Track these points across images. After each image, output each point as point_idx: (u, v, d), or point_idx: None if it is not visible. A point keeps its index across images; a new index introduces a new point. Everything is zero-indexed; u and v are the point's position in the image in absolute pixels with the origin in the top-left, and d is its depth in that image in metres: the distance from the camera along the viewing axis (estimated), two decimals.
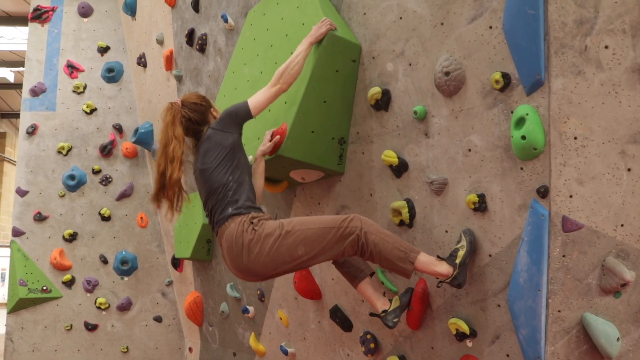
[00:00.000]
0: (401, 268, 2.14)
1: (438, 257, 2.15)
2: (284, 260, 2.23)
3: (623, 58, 1.82)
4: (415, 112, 2.27)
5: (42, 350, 5.11)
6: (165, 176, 2.43)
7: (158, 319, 5.33)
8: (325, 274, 3.04)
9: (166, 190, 2.45)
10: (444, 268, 2.10)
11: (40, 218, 5.26)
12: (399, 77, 2.39)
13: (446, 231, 2.25)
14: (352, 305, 2.86)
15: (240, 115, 2.45)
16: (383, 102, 2.45)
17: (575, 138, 1.83)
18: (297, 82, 2.55)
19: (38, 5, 5.66)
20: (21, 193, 5.29)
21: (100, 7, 5.74)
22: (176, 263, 5.05)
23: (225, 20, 3.62)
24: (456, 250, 2.11)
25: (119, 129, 5.54)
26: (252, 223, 2.28)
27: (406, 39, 2.34)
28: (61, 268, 5.19)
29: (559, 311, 1.88)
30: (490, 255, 2.08)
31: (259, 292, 3.72)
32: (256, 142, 2.83)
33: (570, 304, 1.89)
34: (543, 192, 1.85)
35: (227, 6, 3.69)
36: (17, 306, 5.08)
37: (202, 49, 4.06)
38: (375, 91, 2.46)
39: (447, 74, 2.10)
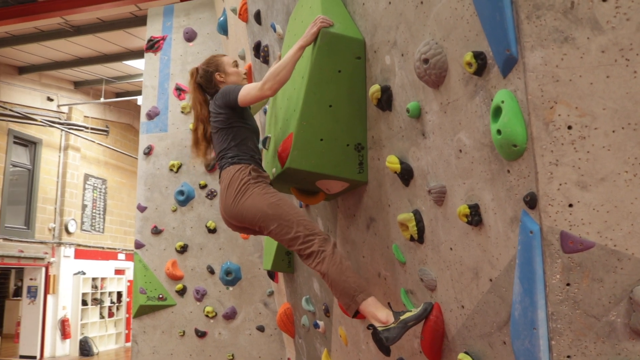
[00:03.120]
0: (345, 303, 2.17)
1: (389, 305, 2.13)
2: (256, 220, 2.40)
3: (634, 11, 1.32)
4: (407, 110, 1.94)
5: (161, 353, 5.55)
6: (197, 133, 2.83)
7: (261, 329, 5.45)
8: None
9: (198, 145, 2.83)
10: (384, 315, 2.07)
11: (156, 231, 5.74)
12: (395, 71, 2.07)
13: (450, 248, 1.87)
14: None
15: (231, 101, 2.59)
16: (385, 101, 2.14)
17: (570, 127, 1.37)
18: (298, 88, 2.36)
19: (151, 37, 6.21)
20: (141, 209, 5.83)
21: (202, 30, 6.10)
22: (272, 274, 5.11)
23: (274, 30, 3.55)
24: (408, 311, 2.05)
25: None
26: (251, 172, 2.51)
27: (396, 26, 2.01)
28: (174, 278, 5.60)
29: (568, 357, 1.42)
30: (490, 280, 1.67)
31: (324, 307, 3.56)
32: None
33: (584, 348, 1.42)
34: (530, 202, 1.42)
35: (277, 15, 3.61)
36: (139, 312, 5.60)
37: (265, 60, 4.04)
38: (374, 89, 2.16)
39: (425, 61, 1.74)
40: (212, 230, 5.66)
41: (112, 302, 13.31)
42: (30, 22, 7.78)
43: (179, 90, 5.99)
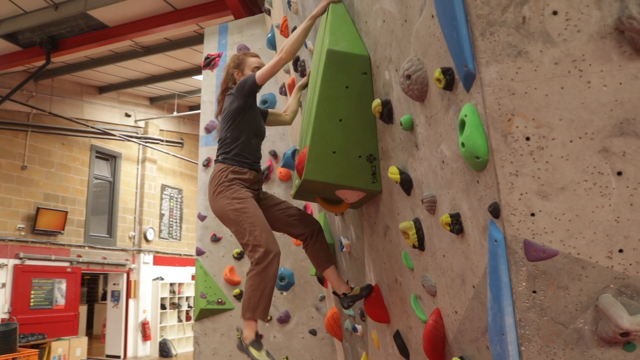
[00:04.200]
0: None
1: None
2: (223, 220, 2.83)
3: (583, 22, 1.34)
4: (400, 123, 2.02)
5: (220, 354, 5.84)
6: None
7: (313, 332, 5.60)
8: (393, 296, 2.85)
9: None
10: (248, 334, 2.70)
11: (215, 239, 6.06)
12: (393, 86, 2.15)
13: (443, 256, 1.92)
14: (406, 333, 2.62)
15: (248, 86, 2.85)
16: (386, 114, 2.23)
17: (528, 139, 1.41)
18: (312, 105, 2.50)
19: (208, 54, 6.58)
20: (201, 218, 6.18)
21: (254, 46, 6.37)
22: (321, 279, 5.25)
23: (306, 45, 3.70)
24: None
25: (274, 155, 6.04)
26: (229, 174, 2.80)
27: (390, 42, 2.10)
28: (232, 283, 5.88)
29: None
30: (473, 287, 1.72)
31: (360, 311, 3.65)
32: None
33: (553, 354, 1.45)
34: (494, 211, 1.47)
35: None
36: (200, 315, 5.92)
37: (303, 74, 4.21)
38: (376, 103, 2.25)
39: (408, 77, 1.82)
40: None
41: (189, 307, 13.99)
42: (104, 46, 8.45)
43: None
